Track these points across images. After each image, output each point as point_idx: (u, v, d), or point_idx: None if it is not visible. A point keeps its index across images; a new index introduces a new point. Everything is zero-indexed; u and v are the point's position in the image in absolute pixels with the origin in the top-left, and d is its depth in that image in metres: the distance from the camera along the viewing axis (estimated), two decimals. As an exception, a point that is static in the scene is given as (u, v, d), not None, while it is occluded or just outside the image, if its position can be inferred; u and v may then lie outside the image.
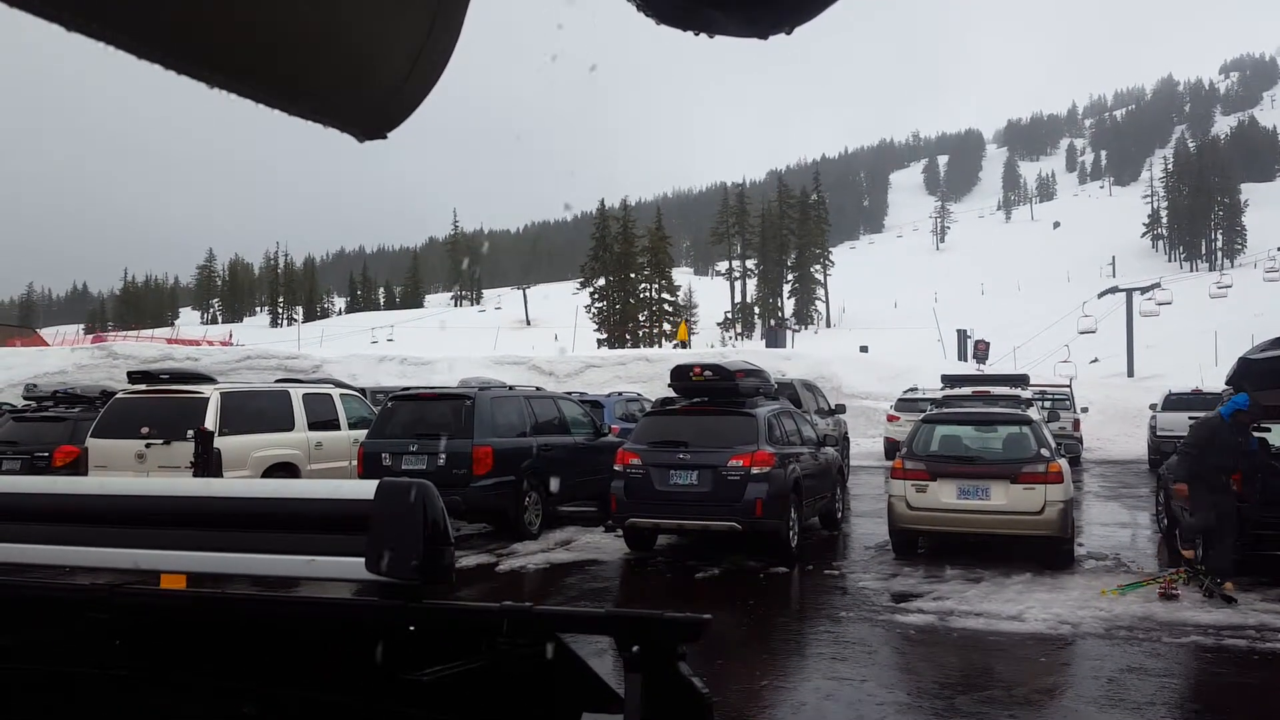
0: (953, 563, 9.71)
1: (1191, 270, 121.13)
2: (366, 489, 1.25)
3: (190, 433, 10.14)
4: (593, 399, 17.01)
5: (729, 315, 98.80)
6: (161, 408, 11.12)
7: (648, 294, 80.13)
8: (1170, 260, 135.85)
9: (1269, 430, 9.80)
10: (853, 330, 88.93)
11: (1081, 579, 9.03)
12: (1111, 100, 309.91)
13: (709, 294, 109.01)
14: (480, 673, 1.15)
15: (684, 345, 42.88)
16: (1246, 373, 9.20)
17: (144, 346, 32.26)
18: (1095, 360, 47.52)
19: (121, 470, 10.68)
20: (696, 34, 0.74)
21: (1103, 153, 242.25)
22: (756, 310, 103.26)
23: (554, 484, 11.71)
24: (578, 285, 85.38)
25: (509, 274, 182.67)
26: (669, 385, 11.19)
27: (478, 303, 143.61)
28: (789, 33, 0.75)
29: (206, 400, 10.93)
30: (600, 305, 77.70)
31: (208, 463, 9.52)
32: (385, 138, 0.76)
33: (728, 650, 6.83)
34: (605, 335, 74.60)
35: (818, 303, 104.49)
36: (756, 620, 8.00)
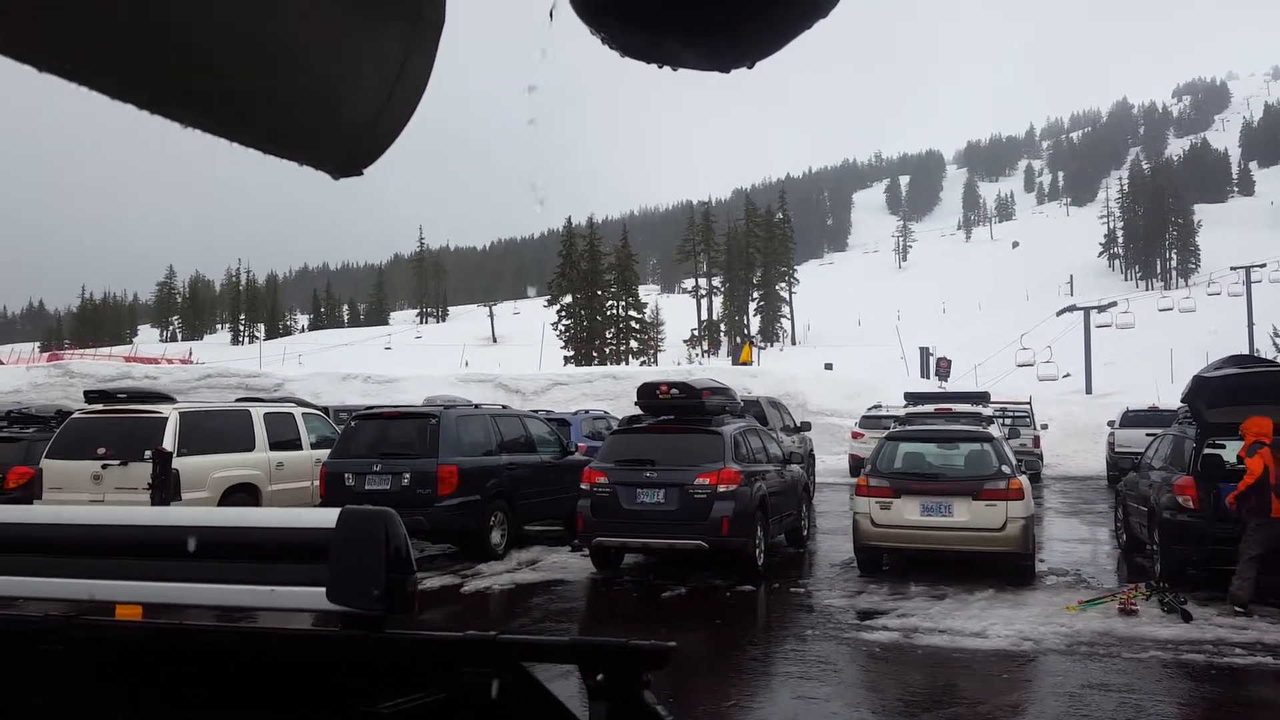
0: (917, 579, 9.78)
1: (1147, 289, 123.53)
2: (328, 517, 1.24)
3: (148, 453, 9.95)
4: (559, 417, 16.96)
5: (695, 333, 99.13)
6: (119, 428, 10.92)
7: (614, 311, 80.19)
8: (1126, 279, 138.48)
9: (1223, 447, 10.00)
10: (817, 348, 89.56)
11: (1043, 595, 9.14)
12: (1068, 122, 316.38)
13: (675, 311, 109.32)
14: (443, 704, 1.14)
15: (747, 364, 41.83)
16: (1201, 390, 9.40)
17: (101, 365, 31.70)
18: (1068, 375, 48.42)
19: (77, 492, 10.47)
20: (660, 66, 0.76)
21: (1060, 174, 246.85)
22: (722, 328, 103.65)
23: (520, 504, 11.65)
24: (545, 302, 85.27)
25: (474, 291, 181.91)
26: (636, 403, 11.20)
27: (443, 320, 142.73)
28: (750, 67, 0.76)
29: (165, 420, 10.75)
30: (567, 323, 77.61)
31: (166, 484, 9.35)
32: (360, 174, 0.76)
33: (694, 670, 6.81)
34: (572, 353, 74.48)
35: (783, 320, 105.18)
36: (723, 639, 7.99)
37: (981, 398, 19.44)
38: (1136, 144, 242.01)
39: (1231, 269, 53.90)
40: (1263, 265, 51.09)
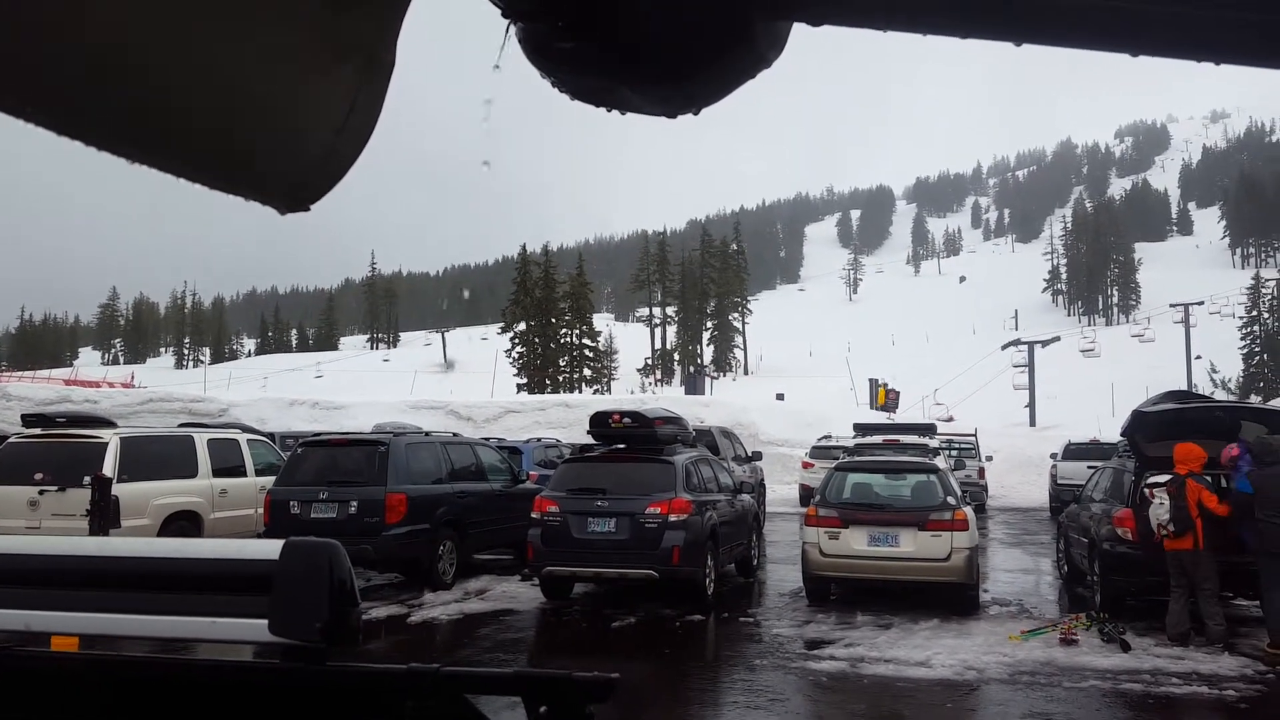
0: (864, 609, 9.86)
1: (1090, 324, 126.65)
2: (271, 548, 1.24)
3: (87, 479, 9.70)
4: (511, 445, 16.86)
5: (649, 361, 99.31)
6: (57, 453, 10.64)
7: (568, 339, 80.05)
8: (1069, 315, 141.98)
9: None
10: (769, 378, 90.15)
11: (986, 624, 9.26)
12: (1014, 161, 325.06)
13: (629, 340, 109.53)
14: None
15: (883, 409, 40.23)
16: (1140, 424, 9.64)
17: (40, 388, 30.77)
18: (1028, 404, 49.54)
19: (13, 518, 10.16)
20: (609, 110, 0.79)
21: (1006, 211, 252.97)
22: (676, 357, 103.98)
23: (469, 532, 11.53)
24: (499, 329, 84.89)
25: (427, 317, 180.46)
26: (588, 432, 11.19)
27: (394, 345, 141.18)
28: (696, 113, 0.80)
29: (105, 445, 10.50)
30: (521, 350, 77.28)
31: (105, 511, 9.10)
32: (308, 210, 0.76)
33: (643, 701, 6.78)
34: (525, 380, 74.09)
35: (736, 350, 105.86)
36: (672, 670, 7.97)
37: (928, 429, 19.74)
38: (1080, 183, 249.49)
39: (1171, 306, 55.57)
40: (1200, 303, 52.71)
